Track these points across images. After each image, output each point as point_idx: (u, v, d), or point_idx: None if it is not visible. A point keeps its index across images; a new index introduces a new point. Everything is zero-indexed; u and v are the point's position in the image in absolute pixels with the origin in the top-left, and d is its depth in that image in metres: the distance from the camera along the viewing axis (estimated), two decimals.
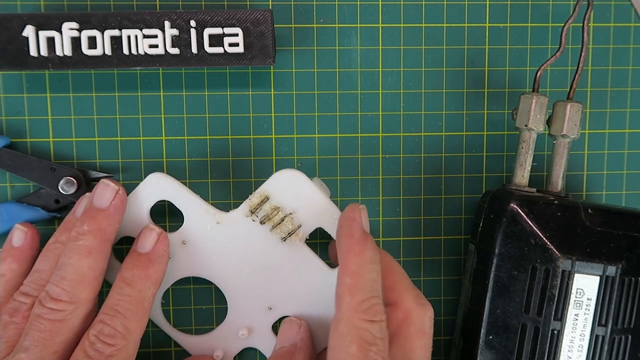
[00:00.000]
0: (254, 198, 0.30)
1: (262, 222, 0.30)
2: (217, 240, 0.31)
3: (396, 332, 0.27)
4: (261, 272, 0.31)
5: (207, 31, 0.30)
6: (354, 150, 0.34)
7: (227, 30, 0.30)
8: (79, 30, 0.30)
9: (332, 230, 0.30)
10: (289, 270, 0.31)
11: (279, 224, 0.30)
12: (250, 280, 0.31)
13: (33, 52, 0.30)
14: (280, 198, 0.30)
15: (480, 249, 0.31)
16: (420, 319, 0.28)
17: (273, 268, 0.31)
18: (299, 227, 0.30)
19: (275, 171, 0.31)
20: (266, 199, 0.30)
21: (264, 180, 0.30)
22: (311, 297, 0.31)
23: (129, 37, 0.30)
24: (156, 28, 0.30)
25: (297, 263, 0.31)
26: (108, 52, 0.30)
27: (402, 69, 0.34)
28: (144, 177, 0.31)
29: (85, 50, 0.30)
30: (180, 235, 0.31)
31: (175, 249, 0.31)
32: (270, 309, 0.31)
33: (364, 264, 0.26)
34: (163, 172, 0.32)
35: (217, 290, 0.32)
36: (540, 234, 0.29)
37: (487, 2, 0.35)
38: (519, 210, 0.29)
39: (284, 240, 0.30)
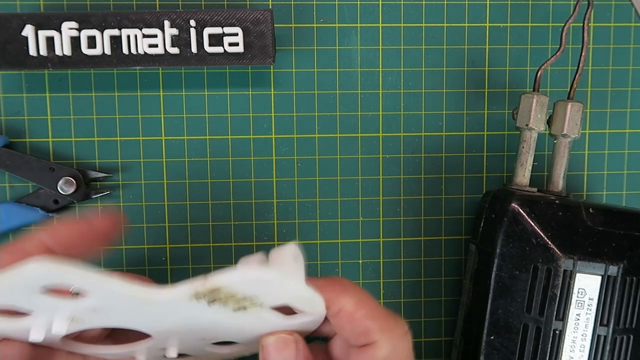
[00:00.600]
0: (199, 286, 0.20)
1: (212, 303, 0.21)
2: (142, 315, 0.22)
3: None
4: (197, 331, 0.24)
5: (207, 31, 0.30)
6: (354, 150, 0.34)
7: (227, 29, 0.30)
8: (79, 30, 0.30)
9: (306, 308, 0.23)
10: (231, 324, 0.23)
11: (235, 306, 0.22)
12: (182, 336, 0.24)
13: (32, 51, 0.30)
14: (239, 289, 0.21)
15: (481, 249, 0.31)
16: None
17: (213, 328, 0.24)
18: (261, 305, 0.22)
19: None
20: (218, 290, 0.21)
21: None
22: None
23: (128, 36, 0.30)
24: (156, 28, 0.30)
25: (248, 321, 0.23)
26: (107, 51, 0.30)
27: (402, 69, 0.34)
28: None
29: (85, 49, 0.30)
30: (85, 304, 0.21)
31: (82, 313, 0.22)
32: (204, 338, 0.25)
33: None
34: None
35: None
36: (542, 234, 0.29)
37: (487, 2, 0.35)
38: (520, 210, 0.29)
39: (236, 310, 0.22)
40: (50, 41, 0.30)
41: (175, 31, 0.30)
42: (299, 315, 0.23)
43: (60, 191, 0.32)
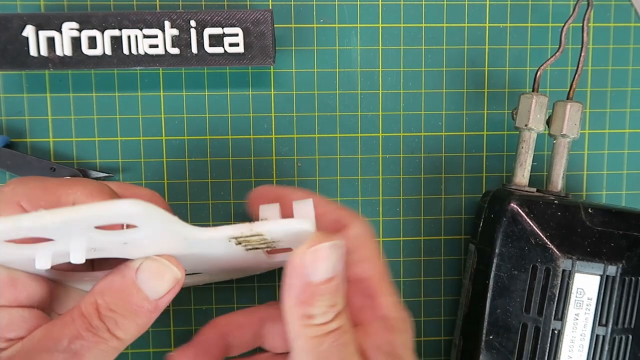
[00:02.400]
0: (246, 231, 0.22)
1: (238, 244, 0.24)
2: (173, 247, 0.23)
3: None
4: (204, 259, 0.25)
5: (207, 31, 0.30)
6: (354, 150, 0.34)
7: (227, 30, 0.30)
8: (79, 30, 0.30)
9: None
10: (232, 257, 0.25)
11: (256, 247, 0.24)
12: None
13: (33, 52, 0.30)
14: (273, 235, 0.23)
15: (480, 248, 0.31)
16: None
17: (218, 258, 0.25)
18: (274, 246, 0.25)
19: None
20: (258, 234, 0.23)
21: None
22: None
23: (129, 37, 0.30)
24: (156, 28, 0.30)
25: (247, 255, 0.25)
26: (108, 52, 0.30)
27: (402, 69, 0.34)
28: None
29: (86, 50, 0.30)
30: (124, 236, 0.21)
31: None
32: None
33: None
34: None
35: (217, 290, 0.32)
36: (541, 234, 0.29)
37: (487, 2, 0.35)
38: (519, 210, 0.29)
39: (247, 250, 0.24)
40: (50, 41, 0.30)
41: (175, 31, 0.30)
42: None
43: None
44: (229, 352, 0.29)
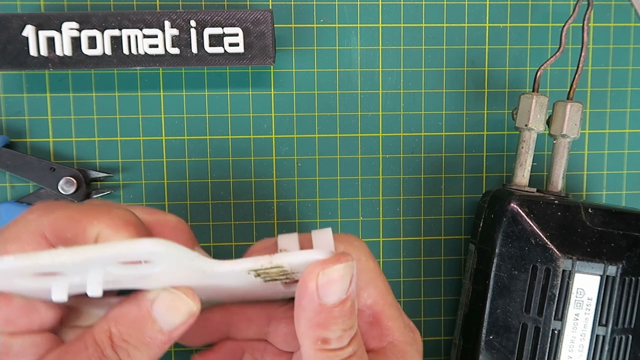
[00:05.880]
0: (265, 263, 0.22)
1: (257, 276, 0.23)
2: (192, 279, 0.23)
3: None
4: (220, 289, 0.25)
5: (207, 31, 0.30)
6: (354, 150, 0.34)
7: (227, 30, 0.30)
8: (79, 30, 0.30)
9: None
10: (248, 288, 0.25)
11: (275, 279, 0.24)
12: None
13: (33, 52, 0.30)
14: (293, 267, 0.23)
15: (480, 248, 0.31)
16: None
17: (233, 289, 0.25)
18: (292, 278, 0.24)
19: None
20: (277, 266, 0.22)
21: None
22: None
23: (129, 37, 0.30)
24: (156, 28, 0.30)
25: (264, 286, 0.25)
26: (108, 52, 0.30)
27: (402, 69, 0.34)
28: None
29: (85, 50, 0.30)
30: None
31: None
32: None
33: None
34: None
35: None
36: (541, 234, 0.29)
37: (487, 2, 0.35)
38: (519, 210, 0.29)
39: (266, 281, 0.24)
40: (50, 41, 0.30)
41: (175, 31, 0.30)
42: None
43: (61, 191, 0.32)
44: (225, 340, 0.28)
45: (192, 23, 0.30)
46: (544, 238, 0.29)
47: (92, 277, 0.20)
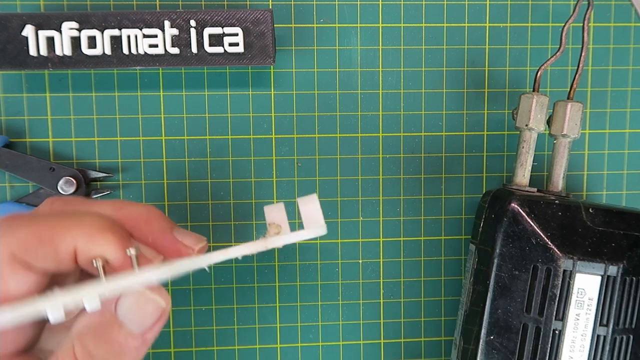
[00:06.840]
0: (260, 248, 0.24)
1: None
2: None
3: None
4: None
5: (207, 31, 0.30)
6: (354, 150, 0.34)
7: (227, 30, 0.30)
8: (79, 30, 0.30)
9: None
10: None
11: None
12: None
13: (33, 51, 0.30)
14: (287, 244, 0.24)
15: (480, 249, 0.31)
16: None
17: None
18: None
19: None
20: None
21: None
22: None
23: (128, 36, 0.30)
24: (156, 28, 0.30)
25: None
26: (108, 51, 0.30)
27: (402, 69, 0.34)
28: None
29: (85, 50, 0.30)
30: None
31: None
32: None
33: None
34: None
35: (217, 291, 0.32)
36: (541, 234, 0.29)
37: (487, 2, 0.35)
38: (520, 210, 0.29)
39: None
40: (50, 41, 0.30)
41: (175, 31, 0.30)
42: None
43: (61, 191, 0.32)
44: None
45: (192, 23, 0.30)
46: (545, 238, 0.29)
47: (88, 293, 0.20)
